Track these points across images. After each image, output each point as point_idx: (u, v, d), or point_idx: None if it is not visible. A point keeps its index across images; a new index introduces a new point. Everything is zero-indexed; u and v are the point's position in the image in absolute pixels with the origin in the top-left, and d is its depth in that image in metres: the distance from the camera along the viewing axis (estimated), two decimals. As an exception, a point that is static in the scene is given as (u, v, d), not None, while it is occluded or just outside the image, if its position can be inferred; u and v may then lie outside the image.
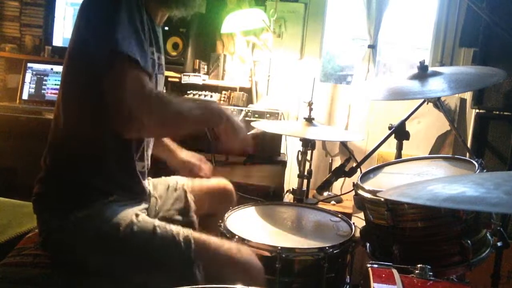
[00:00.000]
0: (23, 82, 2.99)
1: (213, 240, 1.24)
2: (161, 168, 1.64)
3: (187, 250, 1.18)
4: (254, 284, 1.17)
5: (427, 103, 1.92)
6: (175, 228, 1.23)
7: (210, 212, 1.63)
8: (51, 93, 2.99)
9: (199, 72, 2.84)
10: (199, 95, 2.62)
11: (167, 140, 1.67)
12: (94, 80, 1.15)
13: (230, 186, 1.70)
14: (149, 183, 1.51)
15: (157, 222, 1.25)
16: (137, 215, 1.24)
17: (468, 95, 2.63)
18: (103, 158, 1.24)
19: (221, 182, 1.70)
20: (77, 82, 1.22)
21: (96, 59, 1.14)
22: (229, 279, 1.17)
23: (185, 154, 1.69)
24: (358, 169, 1.83)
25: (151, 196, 1.48)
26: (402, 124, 1.87)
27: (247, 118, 2.41)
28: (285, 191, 2.44)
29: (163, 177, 1.61)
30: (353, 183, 1.59)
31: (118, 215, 1.21)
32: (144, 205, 1.38)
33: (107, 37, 1.11)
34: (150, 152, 1.43)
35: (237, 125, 1.32)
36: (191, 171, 1.66)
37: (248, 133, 1.48)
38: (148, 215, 1.37)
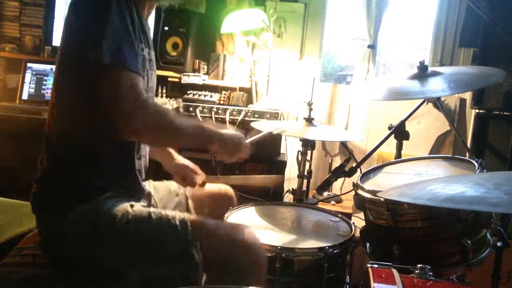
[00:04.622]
0: (23, 82, 2.99)
1: (210, 220, 1.25)
2: (161, 170, 1.63)
3: (183, 231, 1.19)
4: (255, 261, 1.18)
5: (427, 103, 1.92)
6: (170, 213, 1.23)
7: (209, 212, 1.63)
8: (51, 93, 2.98)
9: (199, 72, 2.83)
10: (199, 95, 2.62)
11: None
12: (87, 80, 1.15)
13: (231, 191, 1.69)
14: (150, 185, 1.51)
15: (152, 209, 1.25)
16: (132, 205, 1.24)
17: (468, 95, 2.62)
18: (101, 156, 1.24)
19: (222, 187, 1.69)
20: (71, 81, 1.22)
21: (88, 61, 1.13)
22: (229, 257, 1.18)
23: (181, 159, 1.62)
24: (358, 169, 1.83)
25: (149, 195, 1.47)
26: (402, 124, 1.87)
27: (247, 118, 2.42)
28: (285, 191, 2.44)
29: (164, 181, 1.61)
30: (353, 183, 1.59)
31: (114, 208, 1.21)
32: (142, 203, 1.38)
33: (99, 42, 1.11)
34: (148, 149, 1.43)
35: (232, 144, 1.33)
36: (184, 179, 1.59)
37: (252, 139, 1.47)
38: None
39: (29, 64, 3.01)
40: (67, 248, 1.20)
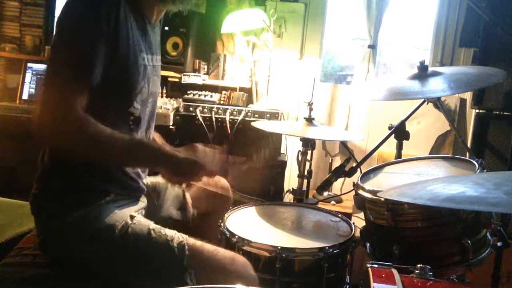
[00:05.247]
0: (23, 82, 2.99)
1: (208, 247, 1.23)
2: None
3: (180, 256, 1.18)
4: None
5: (427, 103, 1.92)
6: (169, 233, 1.22)
7: (208, 210, 1.63)
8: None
9: (199, 72, 2.83)
10: (199, 95, 2.62)
11: (158, 138, 1.57)
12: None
13: (227, 184, 1.67)
14: (147, 181, 1.51)
15: (152, 225, 1.24)
16: (132, 217, 1.24)
17: (468, 95, 2.62)
18: None
19: (218, 182, 1.69)
20: None
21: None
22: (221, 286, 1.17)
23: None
24: (358, 169, 1.83)
25: (149, 195, 1.47)
26: (402, 124, 1.87)
27: (247, 118, 2.42)
28: (285, 191, 2.44)
29: (160, 176, 1.60)
30: (353, 183, 1.59)
31: (114, 216, 1.21)
32: (141, 204, 1.38)
33: (63, 47, 1.12)
34: None
35: (185, 167, 1.23)
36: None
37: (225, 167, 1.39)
38: (146, 214, 1.37)
39: (29, 64, 3.01)
40: (65, 250, 1.20)
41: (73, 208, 1.19)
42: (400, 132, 1.87)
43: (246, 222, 1.55)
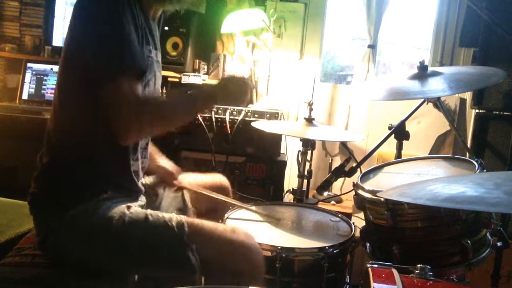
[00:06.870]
0: (23, 82, 2.99)
1: (207, 223, 1.25)
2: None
3: (180, 233, 1.19)
4: (253, 263, 1.18)
5: (427, 103, 1.92)
6: (167, 215, 1.23)
7: (207, 208, 1.63)
8: (51, 93, 2.98)
9: (199, 72, 2.83)
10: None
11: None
12: (89, 82, 1.15)
13: (226, 181, 1.71)
14: (146, 181, 1.51)
15: (149, 211, 1.25)
16: (128, 207, 1.24)
17: (468, 95, 2.62)
18: (98, 158, 1.24)
19: (217, 178, 1.70)
20: (73, 83, 1.22)
21: (90, 63, 1.15)
22: (227, 260, 1.18)
23: (163, 161, 1.60)
24: (358, 169, 1.83)
25: (148, 194, 1.47)
26: (402, 124, 1.87)
27: (247, 118, 2.41)
28: (285, 191, 2.44)
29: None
30: (353, 183, 1.59)
31: (112, 210, 1.21)
32: (140, 202, 1.38)
33: (101, 44, 1.13)
34: (148, 151, 1.43)
35: (233, 89, 1.32)
36: (163, 180, 1.57)
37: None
38: None
39: (29, 64, 3.00)
40: (65, 249, 1.20)
41: (70, 206, 1.19)
42: (400, 132, 1.87)
43: (246, 222, 1.55)
